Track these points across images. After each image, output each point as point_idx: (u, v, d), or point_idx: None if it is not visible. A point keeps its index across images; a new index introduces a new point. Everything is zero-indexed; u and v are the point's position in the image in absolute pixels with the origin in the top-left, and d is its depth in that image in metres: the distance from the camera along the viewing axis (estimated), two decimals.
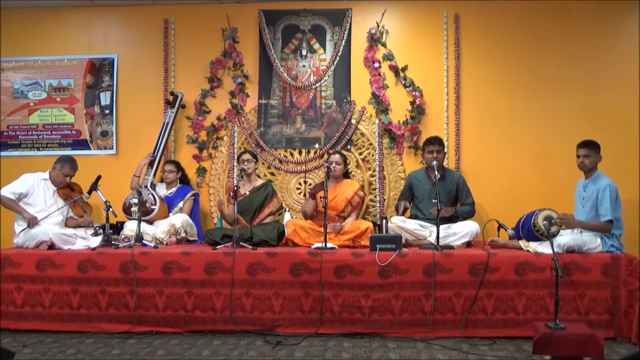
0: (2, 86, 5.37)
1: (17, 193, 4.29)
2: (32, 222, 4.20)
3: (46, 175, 4.47)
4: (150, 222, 4.58)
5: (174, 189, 4.89)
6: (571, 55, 4.97)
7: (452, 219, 4.46)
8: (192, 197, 4.88)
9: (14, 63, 5.37)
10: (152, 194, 4.65)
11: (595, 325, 3.64)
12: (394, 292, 3.78)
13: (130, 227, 4.44)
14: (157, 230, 4.45)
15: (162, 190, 4.91)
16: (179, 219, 4.57)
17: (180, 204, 4.79)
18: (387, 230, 4.28)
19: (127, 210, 4.61)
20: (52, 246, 4.13)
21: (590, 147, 3.97)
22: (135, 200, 4.47)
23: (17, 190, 4.31)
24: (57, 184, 4.46)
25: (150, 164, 4.86)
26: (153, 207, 4.59)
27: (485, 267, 3.74)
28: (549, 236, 3.65)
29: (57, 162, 4.46)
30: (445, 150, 4.79)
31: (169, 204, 4.80)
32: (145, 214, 4.47)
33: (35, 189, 4.37)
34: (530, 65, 4.99)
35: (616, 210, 3.83)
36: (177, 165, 4.98)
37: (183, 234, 4.53)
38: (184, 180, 5.00)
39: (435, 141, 4.52)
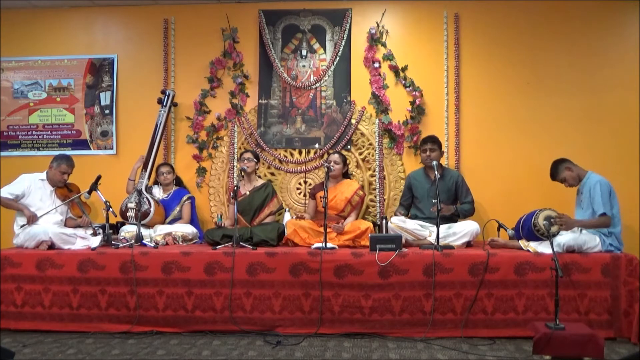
0: (2, 86, 5.37)
1: (14, 194, 4.28)
2: (32, 219, 4.20)
3: (43, 175, 4.45)
4: (148, 227, 4.53)
5: (170, 192, 4.86)
6: (571, 55, 4.97)
7: (452, 219, 4.46)
8: (189, 201, 4.84)
9: (14, 63, 5.37)
10: (147, 198, 4.58)
11: (595, 325, 3.64)
12: (394, 292, 3.78)
13: (126, 230, 4.43)
14: (155, 234, 4.43)
15: (159, 194, 4.87)
16: (180, 230, 4.52)
17: (177, 208, 4.77)
18: (387, 230, 4.28)
19: (123, 214, 4.58)
20: (52, 246, 4.12)
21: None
22: (132, 205, 4.46)
23: (15, 191, 4.29)
24: (55, 182, 4.43)
25: (144, 167, 4.80)
26: (149, 210, 4.53)
27: (485, 267, 3.74)
28: (549, 236, 3.65)
29: (53, 161, 4.45)
30: (444, 149, 4.80)
31: (166, 207, 4.75)
32: (141, 217, 4.42)
33: (33, 190, 4.35)
34: (530, 65, 4.99)
35: (612, 207, 3.85)
36: (172, 166, 4.97)
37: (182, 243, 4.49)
38: (179, 182, 4.98)
39: (429, 140, 4.52)
